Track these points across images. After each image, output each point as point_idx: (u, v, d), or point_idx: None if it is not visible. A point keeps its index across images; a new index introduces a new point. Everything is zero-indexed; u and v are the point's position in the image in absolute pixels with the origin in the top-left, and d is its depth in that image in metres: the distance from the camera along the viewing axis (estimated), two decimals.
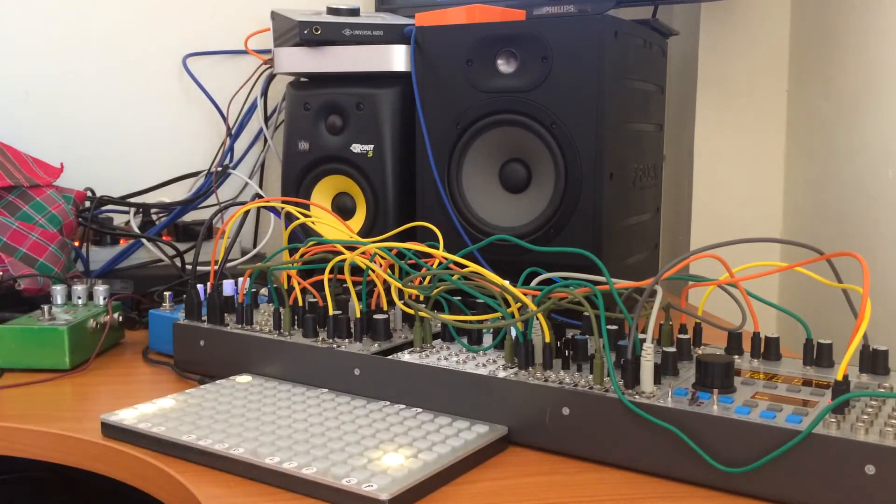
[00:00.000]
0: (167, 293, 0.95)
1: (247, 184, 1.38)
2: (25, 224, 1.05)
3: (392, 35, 1.08)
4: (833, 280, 0.69)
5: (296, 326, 0.81)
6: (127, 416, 0.69)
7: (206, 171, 1.36)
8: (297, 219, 0.93)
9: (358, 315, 0.77)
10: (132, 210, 1.25)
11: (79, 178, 1.26)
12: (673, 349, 0.68)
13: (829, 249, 0.67)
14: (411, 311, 0.77)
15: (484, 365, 0.70)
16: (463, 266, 0.75)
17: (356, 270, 0.80)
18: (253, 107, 1.38)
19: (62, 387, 0.83)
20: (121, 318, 0.95)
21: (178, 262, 1.15)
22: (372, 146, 1.07)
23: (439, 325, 0.80)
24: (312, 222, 1.00)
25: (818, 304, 1.14)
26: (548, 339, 0.68)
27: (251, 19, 1.37)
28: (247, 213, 1.33)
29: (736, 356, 0.72)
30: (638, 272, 1.08)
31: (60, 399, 0.80)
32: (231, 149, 1.37)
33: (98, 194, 1.21)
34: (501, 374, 0.67)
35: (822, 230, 1.16)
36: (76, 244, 1.16)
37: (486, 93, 0.98)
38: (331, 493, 0.56)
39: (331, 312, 0.78)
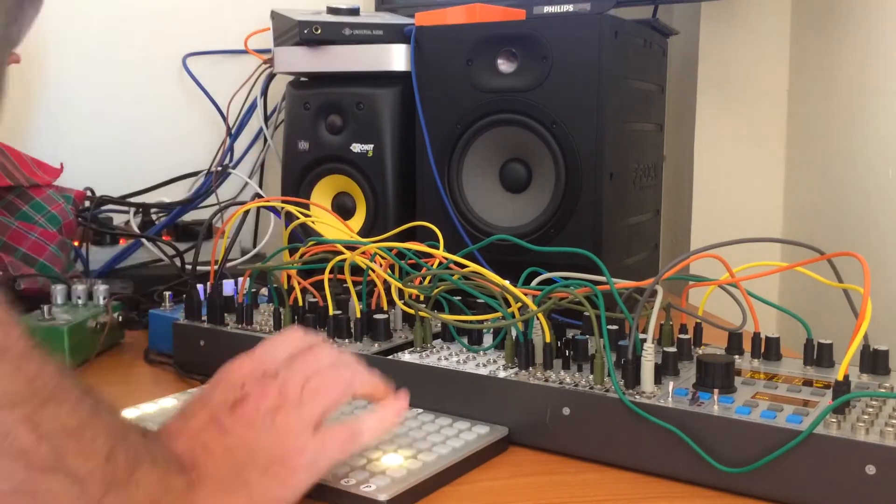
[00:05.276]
0: (167, 293, 0.95)
1: (247, 183, 1.38)
2: (25, 224, 1.05)
3: (392, 35, 1.08)
4: (833, 280, 0.69)
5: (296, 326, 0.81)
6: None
7: (206, 171, 1.36)
8: (297, 219, 0.93)
9: (358, 315, 0.77)
10: (132, 210, 1.25)
11: (79, 178, 1.26)
12: (673, 349, 0.68)
13: (829, 249, 0.67)
14: (411, 311, 0.77)
15: (484, 365, 0.70)
16: (463, 266, 0.75)
17: (356, 270, 0.80)
18: (253, 106, 1.37)
19: None
20: (121, 318, 0.95)
21: (178, 262, 1.15)
22: (372, 146, 1.07)
23: (439, 325, 0.79)
24: (312, 222, 1.00)
25: (818, 304, 1.14)
26: (548, 339, 0.68)
27: (251, 19, 1.37)
28: (247, 212, 1.33)
29: (736, 356, 0.72)
30: (638, 272, 1.07)
31: None
32: (231, 148, 1.37)
33: (98, 194, 1.21)
34: (502, 374, 0.67)
35: (822, 230, 1.16)
36: (76, 244, 1.16)
37: (486, 93, 0.98)
38: (330, 493, 0.56)
39: (331, 312, 0.78)
